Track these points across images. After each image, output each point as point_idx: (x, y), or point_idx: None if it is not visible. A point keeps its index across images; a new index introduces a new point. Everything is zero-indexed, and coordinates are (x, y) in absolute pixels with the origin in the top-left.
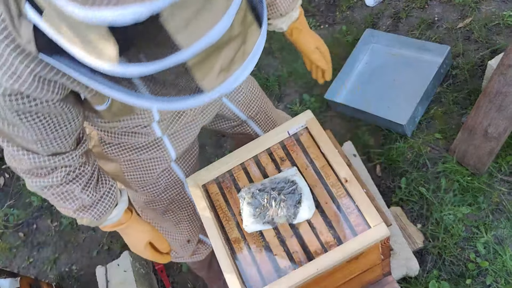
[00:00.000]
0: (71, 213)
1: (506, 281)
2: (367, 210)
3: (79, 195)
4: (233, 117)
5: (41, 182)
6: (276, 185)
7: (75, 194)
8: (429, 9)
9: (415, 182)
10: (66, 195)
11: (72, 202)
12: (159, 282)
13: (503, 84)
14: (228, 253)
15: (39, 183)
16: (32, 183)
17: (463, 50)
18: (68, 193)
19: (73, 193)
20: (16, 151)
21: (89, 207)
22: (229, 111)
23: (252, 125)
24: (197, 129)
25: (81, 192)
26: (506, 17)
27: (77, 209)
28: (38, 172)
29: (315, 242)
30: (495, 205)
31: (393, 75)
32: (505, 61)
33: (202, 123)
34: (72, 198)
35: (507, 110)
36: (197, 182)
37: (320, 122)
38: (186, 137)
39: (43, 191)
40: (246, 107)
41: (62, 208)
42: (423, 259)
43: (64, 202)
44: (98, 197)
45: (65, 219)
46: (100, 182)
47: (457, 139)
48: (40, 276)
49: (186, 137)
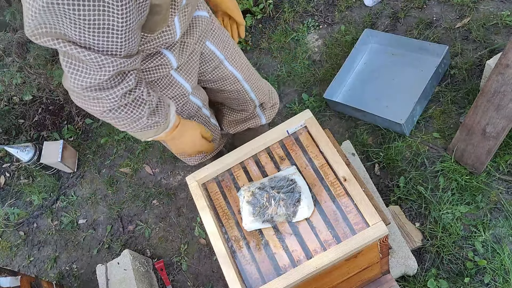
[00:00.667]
0: (144, 121)
1: (504, 279)
2: (365, 209)
3: (147, 98)
4: (212, 56)
5: (120, 89)
6: (276, 184)
7: (143, 97)
8: (428, 9)
9: (414, 181)
10: (137, 102)
11: (144, 107)
12: (159, 281)
13: (501, 83)
14: (228, 252)
15: (118, 92)
16: (110, 96)
17: (461, 49)
18: (138, 99)
19: (142, 97)
20: (99, 57)
21: (155, 109)
22: (209, 50)
23: (227, 65)
24: (197, 60)
25: (148, 95)
26: (504, 16)
27: (149, 114)
28: (116, 79)
29: (314, 240)
30: (493, 204)
31: (392, 75)
32: (503, 61)
33: (199, 51)
34: (143, 103)
35: (505, 109)
36: (197, 181)
37: (319, 122)
38: (192, 68)
39: (121, 102)
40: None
41: (136, 118)
42: (421, 257)
43: (138, 109)
44: (157, 98)
45: (66, 218)
46: (151, 88)
47: (456, 138)
48: (40, 275)
49: (192, 68)
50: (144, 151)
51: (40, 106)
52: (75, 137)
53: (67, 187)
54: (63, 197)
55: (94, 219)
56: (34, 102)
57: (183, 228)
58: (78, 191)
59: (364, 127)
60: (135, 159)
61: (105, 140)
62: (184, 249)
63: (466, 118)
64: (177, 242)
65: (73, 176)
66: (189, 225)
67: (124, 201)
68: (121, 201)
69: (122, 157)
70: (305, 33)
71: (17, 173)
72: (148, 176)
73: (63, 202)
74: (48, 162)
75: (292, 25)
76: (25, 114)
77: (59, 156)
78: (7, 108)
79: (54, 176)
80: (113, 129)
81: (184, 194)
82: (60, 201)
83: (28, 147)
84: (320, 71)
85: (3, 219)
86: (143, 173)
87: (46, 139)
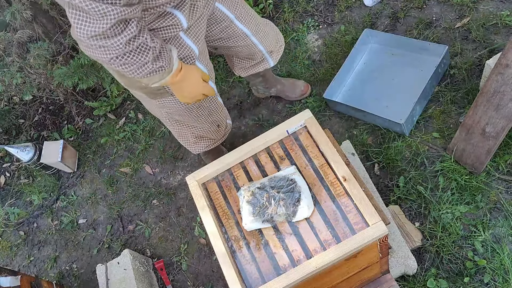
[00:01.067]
0: (149, 66)
1: (504, 279)
2: (365, 209)
3: (150, 44)
4: (223, 17)
5: (123, 37)
6: (276, 183)
7: (147, 44)
8: (427, 9)
9: (413, 180)
10: (142, 48)
11: (149, 52)
12: (159, 280)
13: (500, 83)
14: (228, 251)
15: (122, 39)
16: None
17: (461, 49)
18: (143, 45)
19: (146, 43)
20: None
21: (159, 54)
22: (220, 11)
23: (238, 24)
24: (204, 24)
25: (151, 41)
26: (504, 16)
27: (153, 59)
28: (119, 27)
29: (314, 240)
30: (493, 203)
31: (392, 75)
32: (503, 61)
33: (207, 15)
34: (147, 49)
35: (504, 109)
36: (197, 180)
37: (319, 121)
38: (200, 32)
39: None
40: (232, 6)
41: (141, 64)
42: (421, 257)
43: (142, 55)
44: (160, 43)
45: (66, 218)
46: (154, 35)
47: (455, 138)
48: (40, 275)
49: (200, 32)
50: (144, 151)
51: (40, 106)
52: (75, 137)
53: (67, 187)
54: (63, 197)
55: (94, 219)
56: (34, 102)
57: (183, 228)
58: (78, 191)
59: (364, 127)
60: (135, 159)
61: (105, 140)
62: (184, 248)
63: (466, 118)
64: (177, 242)
65: (73, 176)
66: (189, 225)
67: (124, 201)
68: (121, 201)
69: (122, 157)
70: (305, 33)
71: (17, 173)
72: (148, 176)
73: (63, 202)
74: (48, 162)
75: (292, 25)
76: (25, 114)
77: (59, 156)
78: (7, 108)
79: (54, 176)
80: (113, 129)
81: (184, 194)
82: (60, 201)
83: (28, 147)
84: (320, 71)
85: (3, 219)
86: (143, 173)
87: (46, 139)
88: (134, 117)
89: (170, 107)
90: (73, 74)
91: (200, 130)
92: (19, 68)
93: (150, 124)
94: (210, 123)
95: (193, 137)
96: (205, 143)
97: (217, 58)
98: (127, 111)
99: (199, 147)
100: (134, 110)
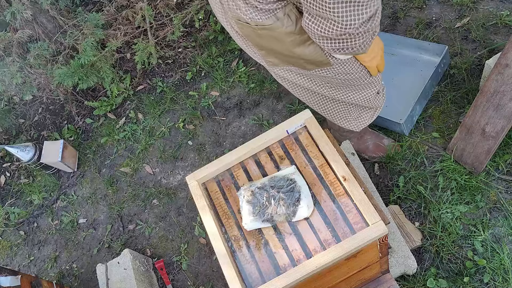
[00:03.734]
0: (376, 31)
1: (503, 279)
2: (365, 208)
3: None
4: None
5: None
6: (275, 183)
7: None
8: (427, 9)
9: (413, 180)
10: (377, 15)
11: (379, 18)
12: (159, 280)
13: (500, 83)
14: (228, 251)
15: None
16: (377, 20)
17: (461, 49)
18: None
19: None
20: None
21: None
22: None
23: None
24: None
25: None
26: (503, 16)
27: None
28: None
29: (314, 240)
30: (492, 203)
31: (391, 75)
32: (503, 61)
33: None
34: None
35: (504, 109)
36: (197, 180)
37: (318, 121)
38: None
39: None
40: None
41: (375, 31)
42: (421, 257)
43: (376, 22)
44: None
45: (66, 218)
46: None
47: (455, 138)
48: (40, 274)
49: None
50: (144, 151)
51: (40, 105)
52: (75, 137)
53: (67, 186)
54: (63, 196)
55: (94, 218)
56: (34, 102)
57: (183, 228)
58: (78, 190)
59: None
60: (135, 159)
61: (105, 140)
62: (184, 248)
63: (466, 117)
64: (177, 242)
65: (73, 176)
66: (189, 224)
67: (124, 201)
68: (121, 201)
69: (122, 156)
70: None
71: (17, 172)
72: (148, 175)
73: (63, 202)
74: (48, 162)
75: None
76: (25, 113)
77: (59, 156)
78: (7, 108)
79: (54, 175)
80: (113, 128)
81: (184, 193)
82: (60, 200)
83: (28, 146)
84: None
85: (4, 218)
86: (143, 173)
87: (46, 138)
88: (134, 117)
89: (352, 73)
90: (73, 74)
91: (362, 100)
92: (19, 68)
93: (150, 124)
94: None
95: (357, 111)
96: (367, 113)
97: (217, 58)
98: (127, 111)
99: (363, 120)
100: (134, 110)
